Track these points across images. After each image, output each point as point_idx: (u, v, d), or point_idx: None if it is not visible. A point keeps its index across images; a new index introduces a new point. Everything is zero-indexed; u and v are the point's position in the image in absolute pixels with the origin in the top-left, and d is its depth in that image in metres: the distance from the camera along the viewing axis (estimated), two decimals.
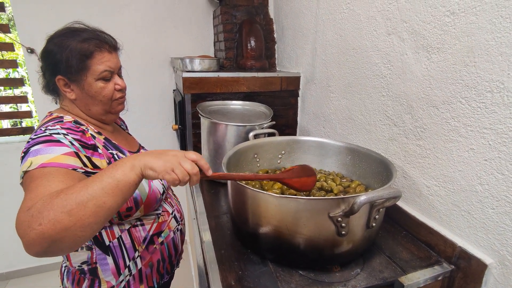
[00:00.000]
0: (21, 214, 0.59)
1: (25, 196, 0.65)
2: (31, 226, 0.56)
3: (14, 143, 2.17)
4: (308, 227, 0.71)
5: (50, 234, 0.56)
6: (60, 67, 0.83)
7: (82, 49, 0.82)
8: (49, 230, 0.56)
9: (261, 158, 1.13)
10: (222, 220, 1.02)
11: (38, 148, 0.72)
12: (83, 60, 0.83)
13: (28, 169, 0.69)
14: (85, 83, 0.85)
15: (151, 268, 0.96)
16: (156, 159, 0.64)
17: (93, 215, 0.59)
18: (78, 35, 0.84)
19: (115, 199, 0.61)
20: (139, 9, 2.10)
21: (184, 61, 1.59)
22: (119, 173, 0.62)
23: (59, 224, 0.56)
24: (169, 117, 2.42)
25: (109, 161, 0.85)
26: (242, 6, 1.90)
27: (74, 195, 0.59)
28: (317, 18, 1.39)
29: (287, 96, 1.67)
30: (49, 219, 0.56)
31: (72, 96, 0.87)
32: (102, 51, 0.85)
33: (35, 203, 0.59)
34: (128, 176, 0.62)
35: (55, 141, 0.75)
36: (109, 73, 0.87)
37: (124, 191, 0.63)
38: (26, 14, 1.87)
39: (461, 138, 0.77)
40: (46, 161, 0.70)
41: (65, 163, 0.72)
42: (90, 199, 0.59)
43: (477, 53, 0.71)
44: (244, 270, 0.77)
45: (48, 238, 0.56)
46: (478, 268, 0.74)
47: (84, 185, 0.60)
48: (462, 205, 0.79)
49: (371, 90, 1.08)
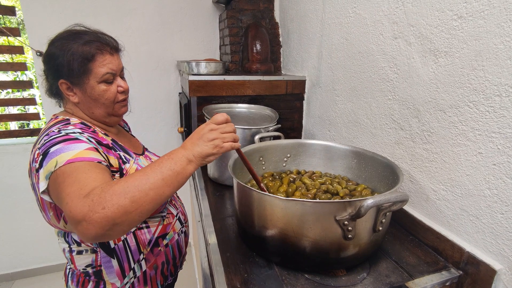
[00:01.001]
0: (76, 200, 0.61)
1: (67, 189, 0.64)
2: (93, 210, 0.59)
3: (22, 145, 2.20)
4: (314, 230, 0.71)
5: (113, 217, 0.59)
6: (62, 71, 0.83)
7: (83, 52, 0.82)
8: (113, 213, 0.59)
9: (266, 161, 1.13)
10: (228, 223, 1.02)
11: (59, 147, 0.72)
12: (85, 63, 0.83)
13: (56, 168, 0.69)
14: (87, 86, 0.85)
15: (155, 270, 0.97)
16: (204, 145, 0.70)
17: (152, 202, 0.64)
18: (79, 38, 0.83)
19: (173, 189, 0.67)
20: (146, 14, 2.13)
21: (190, 64, 1.60)
22: (178, 167, 0.67)
23: (122, 209, 0.60)
24: (175, 120, 2.43)
25: (118, 162, 0.85)
26: (248, 10, 1.91)
27: (136, 182, 0.63)
28: (323, 22, 1.39)
29: (292, 100, 1.67)
30: (112, 203, 0.60)
31: (75, 99, 0.87)
32: (103, 54, 0.85)
33: (92, 190, 0.62)
34: (186, 169, 0.69)
35: (73, 138, 0.75)
36: (111, 76, 0.87)
37: (182, 182, 0.69)
38: (35, 18, 1.91)
39: (469, 142, 0.77)
40: (72, 157, 0.70)
41: (90, 157, 0.72)
42: (151, 188, 0.64)
43: (485, 57, 0.71)
44: (250, 273, 0.77)
45: (111, 220, 0.59)
46: (487, 274, 0.73)
47: (143, 175, 0.65)
48: (470, 210, 0.78)
49: (377, 93, 1.08)
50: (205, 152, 0.70)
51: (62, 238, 0.88)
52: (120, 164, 0.85)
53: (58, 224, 0.83)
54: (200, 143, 0.70)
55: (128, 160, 0.89)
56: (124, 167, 0.86)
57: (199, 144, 0.70)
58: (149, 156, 1.06)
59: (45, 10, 1.91)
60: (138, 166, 0.91)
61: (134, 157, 0.93)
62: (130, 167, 0.88)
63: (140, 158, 0.96)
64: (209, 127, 0.72)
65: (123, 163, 0.87)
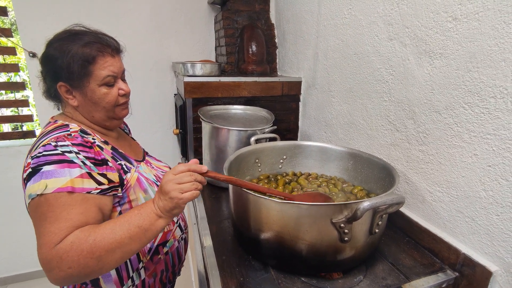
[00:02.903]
0: (47, 250, 0.64)
1: (45, 227, 0.67)
2: (60, 267, 0.62)
3: (14, 147, 2.17)
4: (310, 233, 0.70)
5: (79, 276, 0.64)
6: (62, 74, 0.80)
7: (84, 54, 0.79)
8: (78, 273, 0.63)
9: (262, 163, 1.12)
10: (223, 226, 1.01)
11: (52, 169, 0.70)
12: (85, 66, 0.80)
13: (44, 192, 0.68)
14: (87, 89, 0.82)
15: (154, 278, 0.95)
16: (165, 200, 0.68)
17: (119, 259, 0.67)
18: (79, 39, 0.80)
19: (141, 245, 0.69)
20: (142, 14, 2.11)
21: (186, 65, 1.59)
22: (146, 223, 0.68)
23: (88, 269, 0.64)
24: (170, 122, 2.42)
25: (119, 174, 0.82)
26: (244, 11, 1.91)
27: (104, 242, 0.65)
28: (318, 23, 1.39)
29: (288, 101, 1.67)
30: (78, 263, 0.63)
31: (74, 103, 0.84)
32: (104, 55, 0.82)
33: (63, 243, 0.64)
34: (155, 225, 0.69)
35: (68, 161, 0.72)
36: (112, 78, 0.84)
37: (151, 237, 0.70)
38: (28, 18, 1.88)
39: (464, 144, 0.77)
40: (62, 185, 0.69)
41: (80, 187, 0.71)
42: (118, 247, 0.66)
43: (480, 59, 0.71)
44: (246, 277, 0.76)
45: (76, 278, 0.64)
46: (483, 276, 0.73)
47: (111, 231, 0.66)
48: (465, 211, 0.79)
49: (373, 95, 1.08)
50: (166, 206, 0.68)
51: None
52: (121, 175, 0.83)
53: None
54: (161, 197, 0.69)
55: (129, 169, 0.87)
56: (125, 178, 0.84)
57: (161, 198, 0.69)
58: (150, 161, 1.03)
59: (38, 11, 1.89)
60: (139, 174, 0.89)
61: (135, 165, 0.91)
62: (132, 176, 0.86)
63: (141, 165, 0.94)
64: (166, 178, 0.69)
65: (124, 173, 0.84)
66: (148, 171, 0.94)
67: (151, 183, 0.91)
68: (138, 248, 0.69)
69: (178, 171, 0.69)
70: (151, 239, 0.70)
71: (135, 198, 0.85)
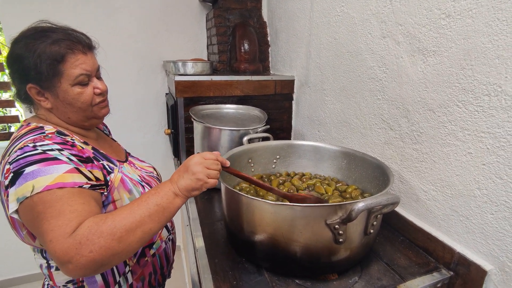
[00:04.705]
0: (62, 240, 0.59)
1: (50, 223, 0.62)
2: (80, 253, 0.58)
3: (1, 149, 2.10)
4: (304, 234, 0.69)
5: (101, 259, 0.60)
6: (30, 74, 0.74)
7: (52, 52, 0.73)
8: (100, 256, 0.60)
9: (255, 163, 1.11)
10: (216, 227, 0.99)
11: (36, 169, 0.65)
12: (55, 65, 0.74)
13: (32, 193, 0.64)
14: (59, 90, 0.76)
15: (142, 282, 0.92)
16: (188, 178, 0.69)
17: (140, 240, 0.65)
18: (47, 36, 0.74)
19: (161, 224, 0.67)
20: (131, 13, 2.07)
21: (177, 64, 1.56)
22: (164, 201, 0.67)
23: (110, 251, 0.60)
24: (162, 122, 2.38)
25: (103, 173, 0.79)
26: (235, 9, 1.88)
27: (123, 222, 0.62)
28: (311, 21, 1.38)
29: (281, 100, 1.65)
30: (100, 245, 0.59)
31: (47, 105, 0.79)
32: (75, 53, 0.76)
33: (78, 228, 0.61)
34: (173, 203, 0.68)
35: (52, 158, 0.68)
36: (85, 77, 0.79)
37: (169, 217, 0.68)
38: (12, 16, 1.83)
39: (458, 142, 0.76)
40: (51, 182, 0.65)
41: (71, 182, 0.67)
42: (138, 226, 0.63)
43: (473, 56, 0.70)
44: (239, 280, 0.75)
45: (99, 263, 0.60)
46: (477, 275, 0.73)
47: (130, 212, 0.64)
48: (460, 210, 0.78)
49: (367, 93, 1.07)
50: (189, 186, 0.69)
51: (38, 254, 0.81)
52: (105, 176, 0.80)
53: (33, 243, 0.77)
54: (185, 176, 0.69)
55: (113, 169, 0.84)
56: (109, 178, 0.81)
57: (184, 177, 0.69)
58: (133, 162, 1.00)
59: (24, 9, 1.84)
60: (123, 175, 0.86)
61: (118, 165, 0.88)
62: (115, 176, 0.83)
63: (124, 166, 0.91)
64: (195, 160, 0.70)
65: (108, 173, 0.81)
66: (132, 171, 0.91)
67: (136, 183, 0.88)
68: (157, 228, 0.66)
69: (208, 157, 0.72)
70: (168, 219, 0.69)
71: (119, 198, 0.82)
